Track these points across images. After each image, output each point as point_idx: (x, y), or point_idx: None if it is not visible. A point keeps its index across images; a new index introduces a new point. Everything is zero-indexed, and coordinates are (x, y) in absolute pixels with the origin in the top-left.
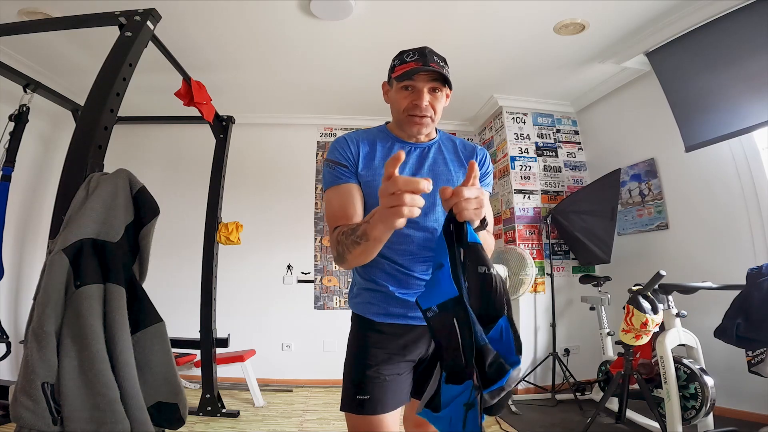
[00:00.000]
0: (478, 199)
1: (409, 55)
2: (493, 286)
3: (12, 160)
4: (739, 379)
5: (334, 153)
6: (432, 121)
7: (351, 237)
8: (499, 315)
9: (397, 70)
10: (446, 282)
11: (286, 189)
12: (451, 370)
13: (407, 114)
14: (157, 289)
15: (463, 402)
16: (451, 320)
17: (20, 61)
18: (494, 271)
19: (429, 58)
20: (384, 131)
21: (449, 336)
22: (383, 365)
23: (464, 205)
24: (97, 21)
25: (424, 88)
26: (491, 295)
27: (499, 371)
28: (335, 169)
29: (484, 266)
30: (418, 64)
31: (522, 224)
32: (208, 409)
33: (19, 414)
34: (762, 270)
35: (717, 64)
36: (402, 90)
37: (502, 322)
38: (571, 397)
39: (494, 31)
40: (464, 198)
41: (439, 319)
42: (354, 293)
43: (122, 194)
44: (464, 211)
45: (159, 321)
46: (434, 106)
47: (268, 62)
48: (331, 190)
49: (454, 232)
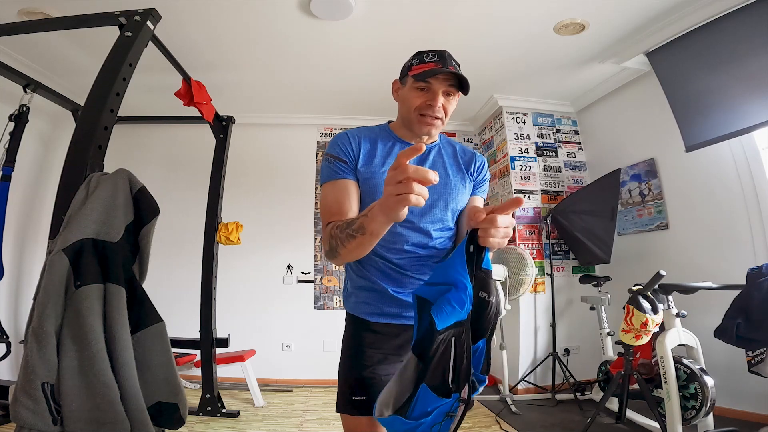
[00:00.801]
0: (507, 229)
1: (429, 55)
2: (486, 313)
3: (12, 160)
4: (739, 379)
5: (334, 148)
6: (442, 123)
7: (346, 231)
8: (482, 336)
9: (416, 69)
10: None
11: (286, 189)
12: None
13: (419, 113)
14: (157, 289)
15: (444, 411)
16: (450, 338)
17: (20, 61)
18: (493, 299)
19: (448, 61)
20: (386, 130)
21: (443, 354)
22: (379, 366)
23: (493, 233)
24: (97, 21)
25: (439, 90)
26: (483, 320)
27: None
28: (334, 163)
29: (486, 293)
30: (438, 65)
31: (522, 224)
32: (208, 409)
33: (19, 414)
34: (762, 270)
35: (717, 64)
36: (416, 89)
37: (481, 343)
38: (571, 397)
39: (494, 31)
40: (496, 226)
41: (443, 338)
42: (348, 293)
43: (122, 194)
44: (491, 239)
45: (159, 321)
46: (446, 109)
47: (268, 62)
48: (328, 185)
49: (476, 255)
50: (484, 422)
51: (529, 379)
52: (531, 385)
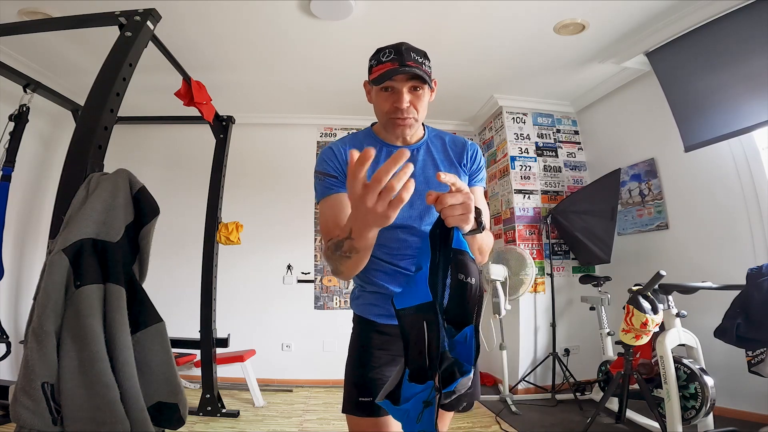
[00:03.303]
0: (464, 204)
1: (385, 54)
2: (468, 295)
3: (12, 160)
4: (739, 379)
5: (322, 164)
6: (416, 121)
7: (337, 253)
8: (468, 322)
9: (374, 72)
10: (422, 286)
11: (286, 189)
12: (414, 369)
13: (389, 117)
14: (157, 289)
15: (422, 399)
16: (422, 323)
17: (20, 61)
18: (471, 281)
19: (406, 56)
20: (371, 135)
21: (417, 337)
22: (386, 367)
23: (449, 212)
24: (97, 21)
25: (403, 89)
26: (466, 303)
27: (451, 377)
28: (324, 180)
29: (463, 274)
30: (395, 64)
31: (522, 224)
32: (208, 409)
33: (19, 414)
34: (762, 270)
35: (717, 64)
36: (382, 92)
37: (467, 330)
38: (571, 397)
39: (494, 31)
40: (447, 205)
41: (411, 320)
42: (355, 294)
43: (122, 194)
44: (449, 218)
45: (159, 321)
46: (416, 106)
47: (269, 62)
48: (323, 202)
49: (441, 237)
50: (484, 422)
51: (529, 379)
52: (531, 385)
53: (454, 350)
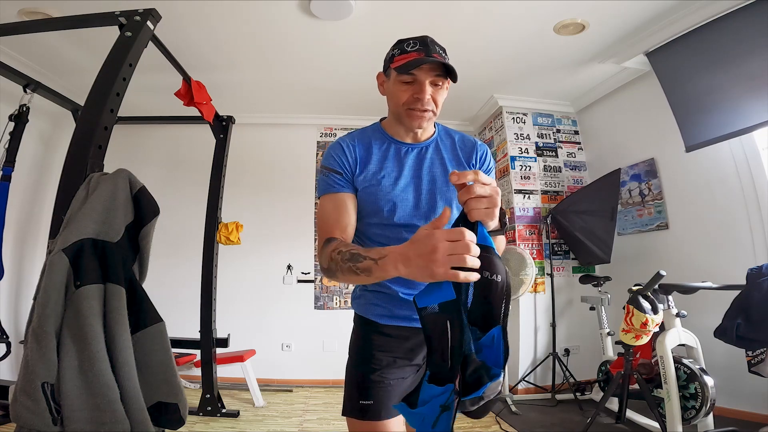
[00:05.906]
0: (490, 198)
1: (410, 44)
2: (493, 294)
3: (12, 160)
4: (739, 379)
5: (328, 160)
6: (434, 114)
7: (348, 263)
8: (495, 323)
9: (397, 61)
10: (445, 283)
11: (286, 189)
12: (435, 371)
13: (407, 108)
14: (157, 289)
15: (440, 403)
16: (445, 322)
17: (20, 61)
18: (498, 278)
19: (431, 48)
20: (379, 131)
21: (440, 337)
22: (388, 369)
23: (474, 204)
24: (97, 21)
25: (426, 81)
26: (491, 302)
27: (479, 382)
28: (329, 176)
29: (488, 271)
30: (420, 54)
31: (522, 224)
32: (208, 409)
33: (19, 414)
34: (762, 270)
35: (717, 64)
36: (401, 83)
37: (495, 331)
38: (571, 397)
39: (494, 31)
40: (474, 195)
41: (434, 319)
42: (356, 294)
43: (122, 194)
44: (474, 211)
45: (159, 321)
46: (436, 100)
47: (269, 62)
48: (324, 198)
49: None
50: (484, 422)
51: (529, 379)
52: (531, 385)
53: (480, 353)
